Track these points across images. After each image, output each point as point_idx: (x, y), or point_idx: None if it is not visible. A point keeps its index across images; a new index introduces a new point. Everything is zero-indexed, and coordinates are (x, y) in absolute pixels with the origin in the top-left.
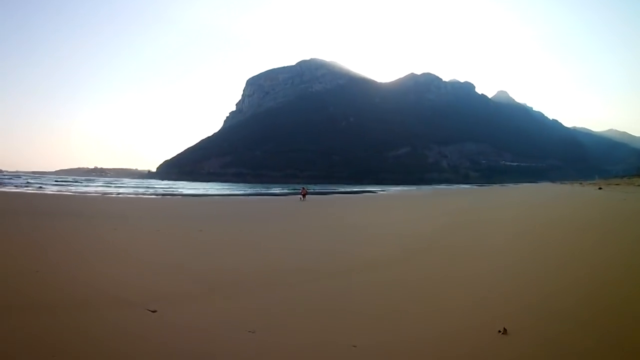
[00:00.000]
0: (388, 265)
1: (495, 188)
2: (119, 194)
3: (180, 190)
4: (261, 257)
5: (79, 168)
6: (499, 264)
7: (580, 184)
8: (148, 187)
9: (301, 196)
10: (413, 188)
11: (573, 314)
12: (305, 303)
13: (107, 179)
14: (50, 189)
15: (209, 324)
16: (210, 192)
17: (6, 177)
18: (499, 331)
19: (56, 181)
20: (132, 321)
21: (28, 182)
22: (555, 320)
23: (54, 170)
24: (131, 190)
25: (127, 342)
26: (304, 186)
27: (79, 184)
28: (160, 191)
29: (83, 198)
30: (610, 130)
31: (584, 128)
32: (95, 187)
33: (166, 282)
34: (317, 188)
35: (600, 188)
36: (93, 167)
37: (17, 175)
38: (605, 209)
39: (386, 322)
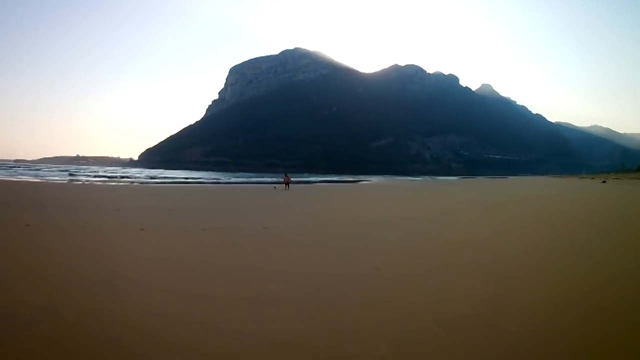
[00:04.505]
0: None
1: (488, 180)
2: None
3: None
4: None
5: (61, 156)
6: None
7: (581, 177)
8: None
9: (285, 185)
10: (399, 178)
11: None
12: None
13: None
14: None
15: None
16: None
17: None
18: None
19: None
20: None
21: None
22: None
23: (36, 158)
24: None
25: None
26: (287, 173)
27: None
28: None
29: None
30: (594, 126)
31: (568, 123)
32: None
33: None
34: (300, 177)
35: (604, 181)
36: (75, 155)
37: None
38: None
39: None
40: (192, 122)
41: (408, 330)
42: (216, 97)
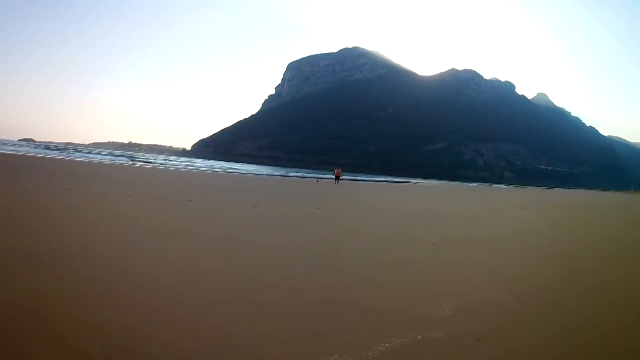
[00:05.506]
0: None
1: (540, 190)
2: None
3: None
4: None
5: (113, 142)
6: None
7: (628, 193)
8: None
9: (335, 179)
10: (452, 183)
11: None
12: None
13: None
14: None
15: None
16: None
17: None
18: None
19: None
20: None
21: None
22: None
23: (87, 143)
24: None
25: None
26: (339, 166)
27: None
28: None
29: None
30: None
31: (620, 138)
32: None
33: None
34: (352, 176)
35: None
36: (127, 141)
37: (49, 145)
38: None
39: None
40: (247, 115)
41: (476, 297)
42: (272, 92)
